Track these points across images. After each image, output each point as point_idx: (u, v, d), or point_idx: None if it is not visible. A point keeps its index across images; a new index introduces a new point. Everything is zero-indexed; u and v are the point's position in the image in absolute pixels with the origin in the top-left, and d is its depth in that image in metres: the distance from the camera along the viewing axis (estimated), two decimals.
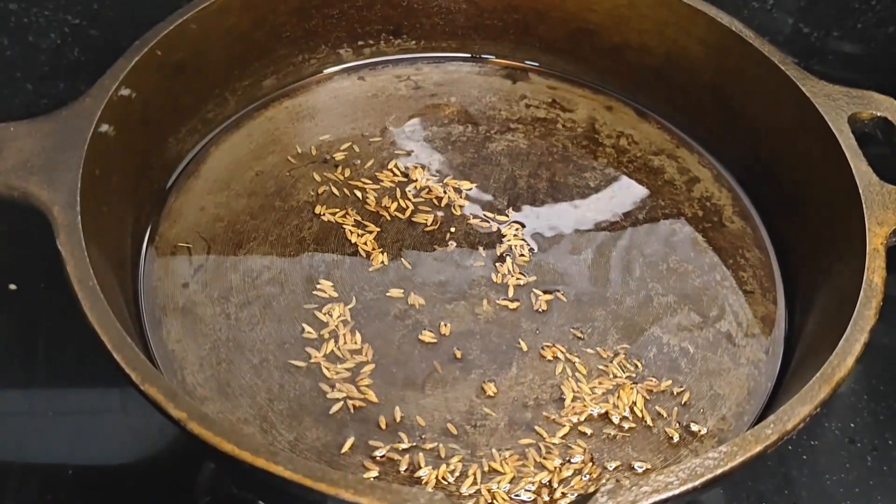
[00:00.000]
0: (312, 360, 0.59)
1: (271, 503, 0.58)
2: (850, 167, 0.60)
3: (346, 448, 0.55)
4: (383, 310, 0.62)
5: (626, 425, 0.57)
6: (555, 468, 0.55)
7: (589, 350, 0.61)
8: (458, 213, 0.68)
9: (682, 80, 0.74)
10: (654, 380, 0.60)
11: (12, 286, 0.69)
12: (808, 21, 0.84)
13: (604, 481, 0.55)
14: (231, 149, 0.71)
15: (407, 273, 0.64)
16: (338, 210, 0.67)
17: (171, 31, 0.64)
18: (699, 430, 0.58)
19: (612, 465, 0.56)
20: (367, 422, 0.56)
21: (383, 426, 0.56)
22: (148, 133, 0.65)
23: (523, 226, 0.68)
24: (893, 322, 0.58)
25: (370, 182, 0.69)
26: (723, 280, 0.66)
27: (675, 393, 0.59)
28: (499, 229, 0.67)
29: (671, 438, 0.57)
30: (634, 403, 0.58)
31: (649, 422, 0.58)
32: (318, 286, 0.62)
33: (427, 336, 0.61)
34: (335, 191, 0.68)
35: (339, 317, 0.61)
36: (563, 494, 0.54)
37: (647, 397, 0.59)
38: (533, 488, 0.54)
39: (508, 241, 0.66)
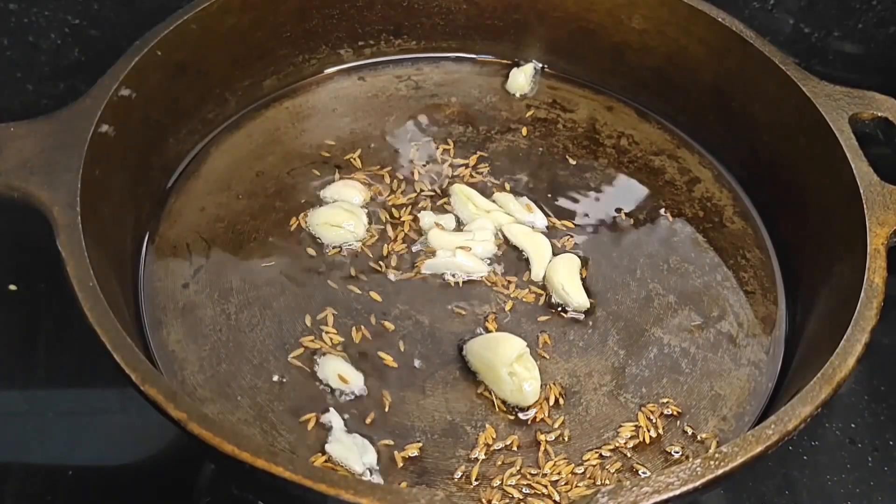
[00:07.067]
0: (312, 361, 0.59)
1: (271, 503, 0.58)
2: (851, 167, 0.60)
3: None
4: (384, 310, 0.62)
5: (629, 429, 0.58)
6: (555, 469, 0.55)
7: (590, 350, 0.61)
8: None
9: (683, 81, 0.74)
10: (653, 383, 0.60)
11: (12, 286, 0.69)
12: (809, 21, 0.84)
13: (605, 481, 0.55)
14: (231, 149, 0.71)
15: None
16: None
17: (171, 31, 0.64)
18: (700, 431, 0.58)
19: (613, 467, 0.55)
20: (367, 422, 0.56)
21: (383, 426, 0.56)
22: (148, 133, 0.65)
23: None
24: (894, 322, 0.58)
25: (370, 182, 0.69)
26: (724, 280, 0.66)
27: (675, 393, 0.59)
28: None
29: (672, 439, 0.57)
30: (648, 421, 0.58)
31: (651, 422, 0.58)
32: (318, 287, 0.62)
33: (426, 336, 0.61)
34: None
35: (338, 317, 0.61)
36: (567, 497, 0.54)
37: (651, 406, 0.59)
38: (533, 489, 0.54)
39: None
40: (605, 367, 0.60)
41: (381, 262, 0.64)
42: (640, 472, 0.55)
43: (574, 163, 0.72)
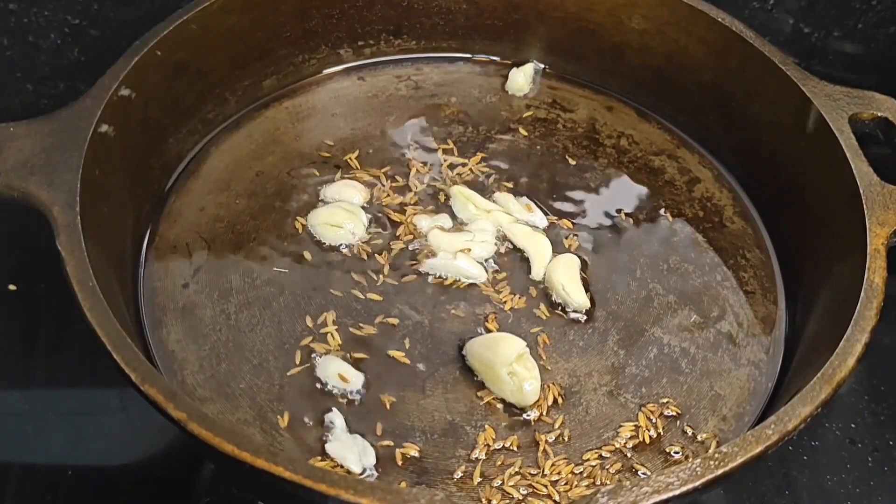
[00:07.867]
0: (312, 361, 0.59)
1: (271, 503, 0.58)
2: (851, 167, 0.60)
3: None
4: (384, 310, 0.62)
5: (628, 429, 0.58)
6: (554, 469, 0.55)
7: (590, 350, 0.61)
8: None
9: (683, 81, 0.74)
10: (653, 383, 0.60)
11: (12, 286, 0.69)
12: (809, 21, 0.84)
13: (605, 481, 0.55)
14: (231, 149, 0.71)
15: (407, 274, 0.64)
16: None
17: (171, 31, 0.64)
18: (700, 431, 0.58)
19: (612, 467, 0.55)
20: (367, 422, 0.56)
21: (383, 426, 0.56)
22: (148, 133, 0.65)
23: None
24: (894, 322, 0.58)
25: (370, 182, 0.69)
26: (723, 280, 0.66)
27: (675, 393, 0.59)
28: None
29: (671, 439, 0.57)
30: (648, 420, 0.58)
31: (651, 422, 0.58)
32: (318, 287, 0.62)
33: (426, 336, 0.61)
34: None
35: (338, 317, 0.61)
36: (567, 497, 0.54)
37: (651, 406, 0.59)
38: (533, 488, 0.54)
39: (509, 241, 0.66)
40: (604, 367, 0.60)
41: (380, 263, 0.64)
42: (640, 472, 0.55)
43: (574, 163, 0.72)
